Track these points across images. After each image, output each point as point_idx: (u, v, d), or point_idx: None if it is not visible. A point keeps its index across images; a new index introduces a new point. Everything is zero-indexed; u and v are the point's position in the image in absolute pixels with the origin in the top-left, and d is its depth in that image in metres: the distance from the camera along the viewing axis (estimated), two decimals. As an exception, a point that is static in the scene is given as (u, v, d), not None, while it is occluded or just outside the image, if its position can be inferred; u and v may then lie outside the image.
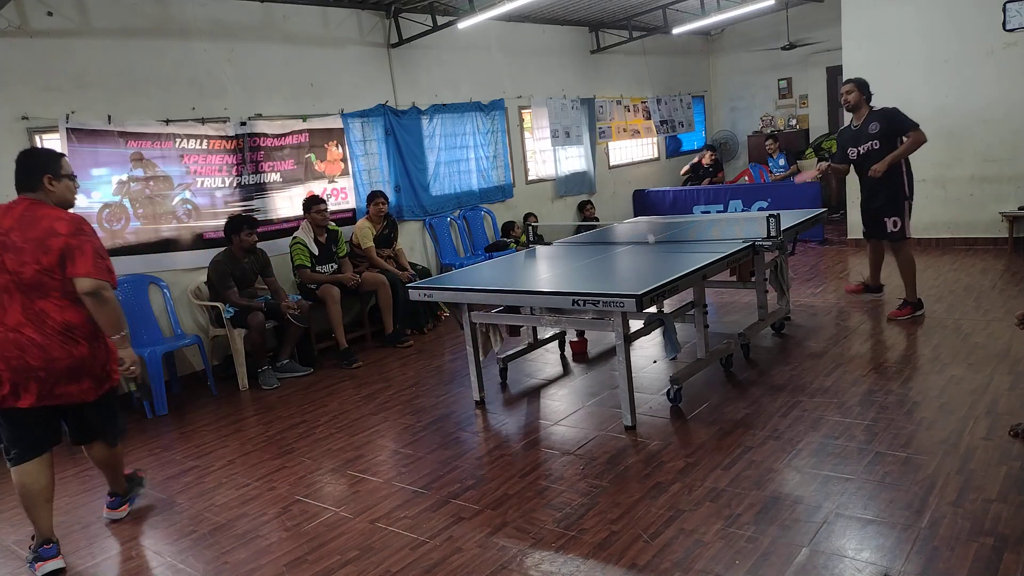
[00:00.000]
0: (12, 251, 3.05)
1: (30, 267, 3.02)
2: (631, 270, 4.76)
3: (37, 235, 3.03)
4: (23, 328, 3.06)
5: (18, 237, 3.05)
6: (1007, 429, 3.54)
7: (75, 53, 5.36)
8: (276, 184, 6.60)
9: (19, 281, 3.05)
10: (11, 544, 3.60)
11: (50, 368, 3.09)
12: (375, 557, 3.10)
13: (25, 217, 3.09)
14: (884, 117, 5.47)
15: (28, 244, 3.03)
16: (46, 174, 3.19)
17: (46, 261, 3.02)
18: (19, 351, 3.06)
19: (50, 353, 3.08)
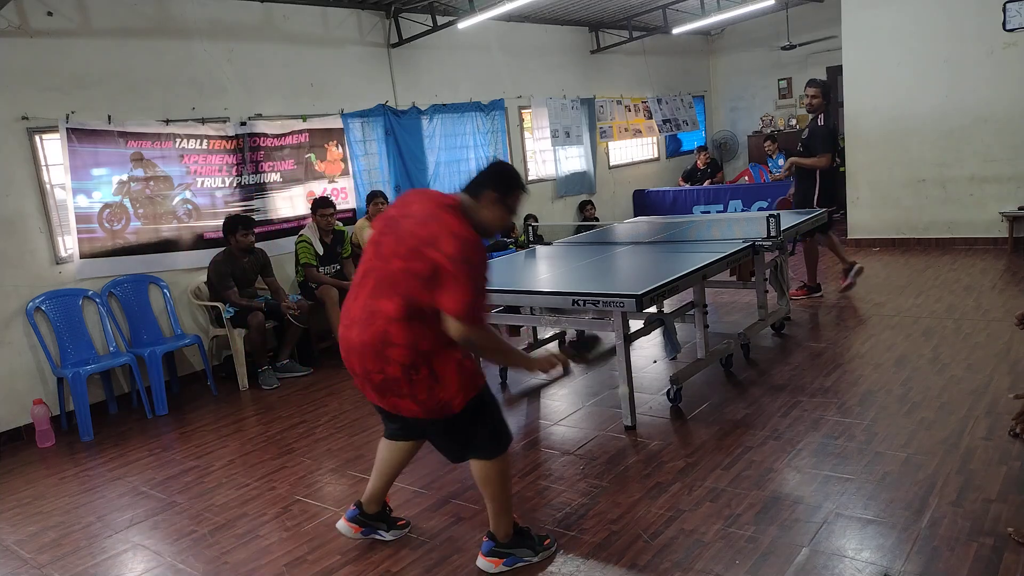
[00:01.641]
0: (395, 236, 2.66)
1: (399, 261, 2.61)
2: (631, 270, 4.76)
3: (424, 235, 2.59)
4: (354, 327, 2.70)
5: (409, 227, 2.65)
6: (1007, 429, 3.54)
7: (75, 53, 5.36)
8: (276, 184, 6.60)
9: (383, 271, 2.66)
10: (11, 544, 3.60)
11: (369, 379, 2.72)
12: (375, 557, 3.10)
13: (432, 213, 2.65)
14: (811, 130, 6.19)
15: (412, 239, 2.61)
16: (494, 190, 2.73)
17: (416, 266, 2.57)
18: (347, 350, 2.75)
19: (365, 363, 2.68)
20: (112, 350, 5.43)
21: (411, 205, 2.75)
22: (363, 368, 2.70)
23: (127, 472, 4.35)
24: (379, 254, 2.71)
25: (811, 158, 6.20)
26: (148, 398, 5.32)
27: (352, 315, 2.73)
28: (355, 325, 2.70)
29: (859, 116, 8.38)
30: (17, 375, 5.14)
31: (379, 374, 2.66)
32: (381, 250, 2.70)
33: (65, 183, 5.33)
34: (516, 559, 2.90)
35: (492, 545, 2.92)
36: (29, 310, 5.13)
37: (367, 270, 2.74)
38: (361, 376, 2.74)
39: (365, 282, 2.72)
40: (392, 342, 2.60)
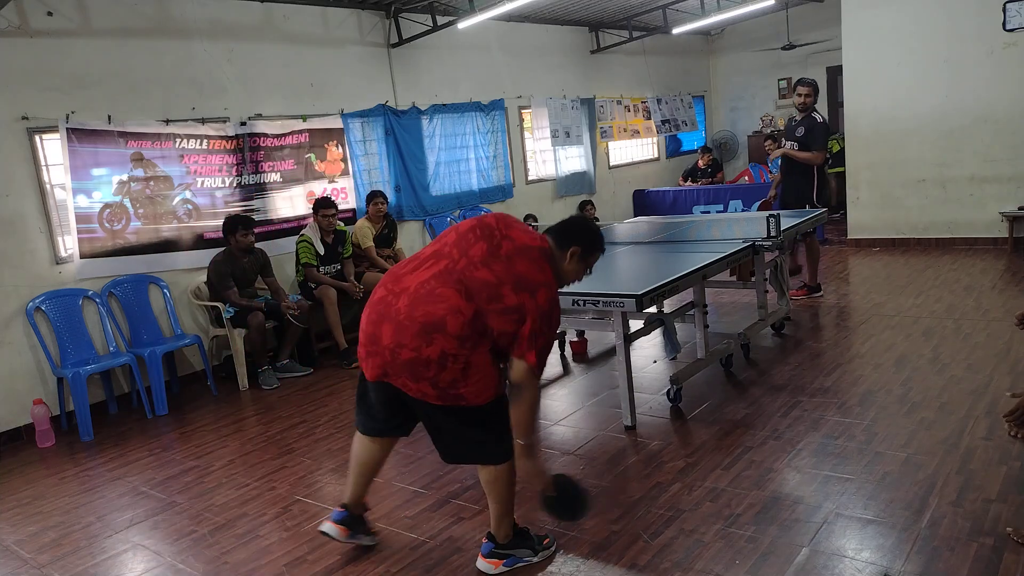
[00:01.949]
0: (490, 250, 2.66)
1: (486, 274, 2.62)
2: (631, 270, 4.76)
3: (523, 274, 2.63)
4: (403, 295, 2.66)
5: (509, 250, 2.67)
6: (1007, 429, 3.53)
7: (75, 53, 5.36)
8: (276, 184, 6.60)
9: (460, 268, 2.64)
10: (11, 544, 3.60)
11: (393, 354, 2.64)
12: (375, 557, 3.10)
13: (533, 254, 2.69)
14: (808, 126, 6.28)
15: (509, 268, 2.63)
16: (580, 247, 2.82)
17: (503, 292, 2.60)
18: (381, 316, 2.68)
19: (400, 336, 2.62)
20: (112, 350, 5.43)
21: (513, 229, 2.76)
22: (395, 340, 2.63)
23: (127, 472, 4.35)
24: (464, 250, 2.69)
25: (806, 153, 6.30)
26: (148, 398, 5.32)
27: (405, 285, 2.69)
28: (406, 295, 2.65)
29: (859, 116, 8.38)
30: (17, 375, 5.14)
31: (413, 351, 2.61)
32: (468, 249, 2.68)
33: (65, 183, 5.32)
34: (516, 559, 2.91)
35: (492, 546, 2.92)
36: (29, 310, 5.13)
37: (440, 254, 2.72)
38: (387, 348, 2.65)
39: (434, 264, 2.70)
40: (445, 331, 2.58)
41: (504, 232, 2.73)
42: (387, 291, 2.72)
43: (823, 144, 6.32)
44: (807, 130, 6.34)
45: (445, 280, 2.63)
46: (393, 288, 2.71)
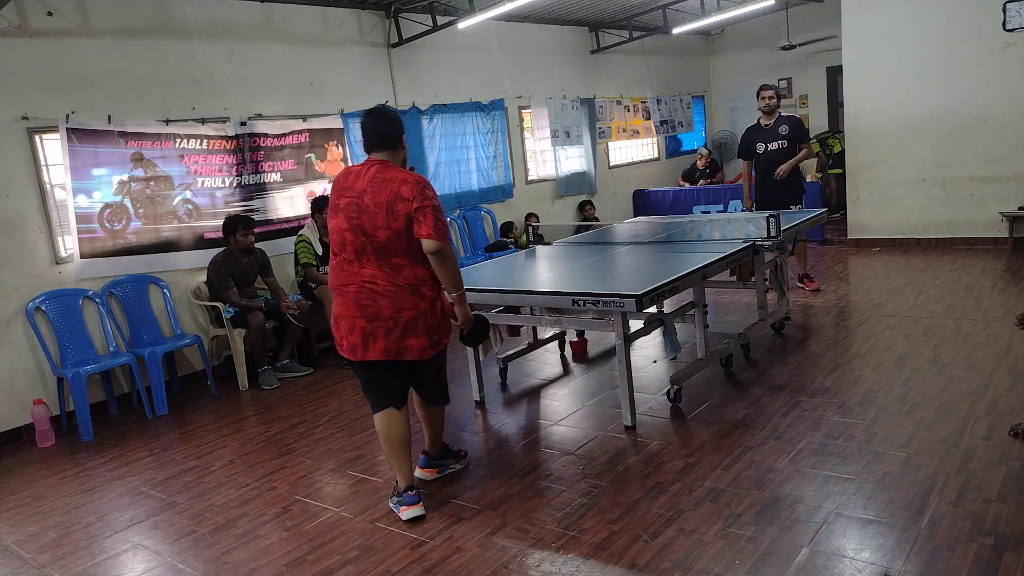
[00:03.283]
0: (367, 214, 3.17)
1: (383, 231, 3.16)
2: (631, 270, 4.76)
3: (386, 199, 3.15)
4: (377, 279, 3.21)
5: (370, 200, 3.17)
6: (1007, 429, 3.54)
7: (75, 53, 5.36)
8: (276, 184, 6.60)
9: (374, 243, 3.19)
10: (11, 544, 3.60)
11: (398, 318, 3.21)
12: (375, 557, 3.10)
13: (376, 180, 3.20)
14: (792, 123, 6.51)
15: (379, 208, 3.15)
16: (403, 132, 3.35)
17: (396, 226, 3.15)
18: (373, 299, 3.21)
19: (399, 303, 3.20)
20: (112, 350, 5.43)
21: (356, 184, 3.24)
22: (394, 308, 3.20)
23: (127, 472, 4.35)
24: (365, 232, 3.19)
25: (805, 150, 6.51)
26: (148, 398, 5.32)
27: (366, 275, 3.22)
28: (379, 278, 3.20)
29: (859, 116, 8.38)
30: (17, 375, 5.14)
31: (412, 310, 3.22)
32: (366, 229, 3.18)
33: (65, 183, 5.33)
34: (446, 467, 3.78)
35: (428, 459, 3.73)
36: (29, 310, 5.13)
37: (360, 247, 3.21)
38: (387, 318, 3.20)
39: (365, 257, 3.22)
40: (423, 280, 3.24)
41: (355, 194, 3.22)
42: (358, 287, 3.23)
43: (807, 135, 6.55)
44: (791, 128, 6.48)
45: (383, 257, 3.20)
46: (359, 281, 3.23)
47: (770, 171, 6.53)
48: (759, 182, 6.68)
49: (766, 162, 6.58)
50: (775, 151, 6.52)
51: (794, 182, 6.57)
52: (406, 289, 3.21)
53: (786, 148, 6.48)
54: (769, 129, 6.55)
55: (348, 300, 3.26)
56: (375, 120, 3.33)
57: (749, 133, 6.76)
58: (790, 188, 6.54)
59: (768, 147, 6.56)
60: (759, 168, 6.67)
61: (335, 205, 3.28)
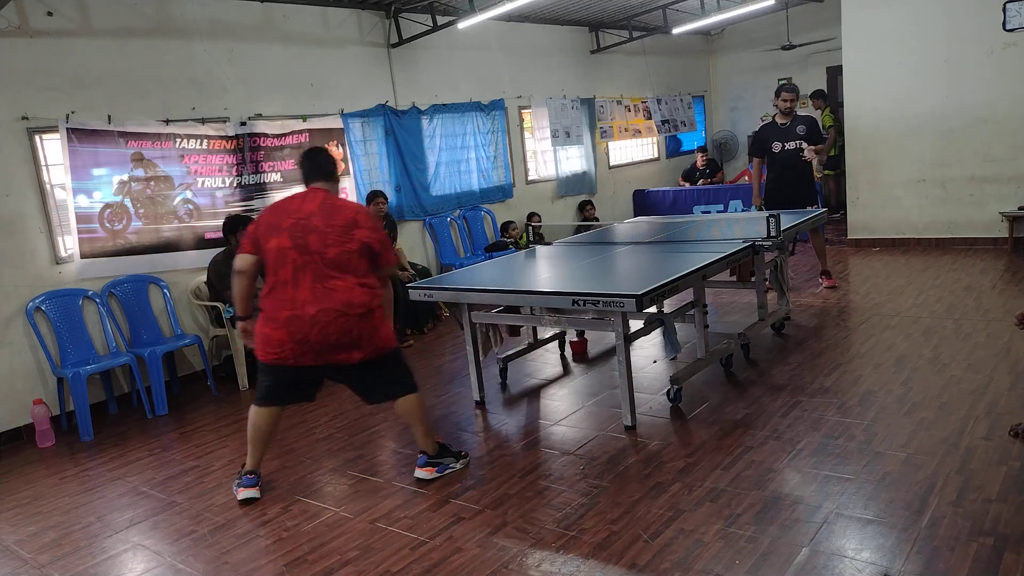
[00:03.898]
0: (315, 233, 3.43)
1: (333, 249, 3.42)
2: (631, 270, 4.76)
3: (341, 223, 3.46)
4: (308, 306, 3.41)
5: (320, 222, 3.44)
6: (1007, 429, 3.54)
7: (75, 53, 5.36)
8: (276, 184, 6.59)
9: (323, 259, 3.43)
10: (11, 544, 3.60)
11: (324, 342, 3.44)
12: (375, 557, 3.10)
13: (326, 204, 3.51)
14: (809, 123, 6.50)
15: (331, 229, 3.44)
16: (335, 169, 3.69)
17: (348, 246, 3.44)
18: (302, 328, 3.41)
19: (327, 329, 3.41)
20: (112, 350, 5.44)
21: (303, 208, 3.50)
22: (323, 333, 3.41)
23: (127, 472, 4.35)
24: (306, 251, 3.42)
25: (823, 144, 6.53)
26: (148, 398, 5.32)
27: (301, 298, 3.42)
28: (309, 303, 3.41)
29: (859, 116, 8.38)
30: (17, 375, 5.14)
31: (343, 334, 3.43)
32: (309, 247, 3.42)
33: (65, 183, 5.33)
34: (445, 466, 3.78)
35: (426, 458, 3.76)
36: (29, 310, 5.13)
37: (302, 266, 3.43)
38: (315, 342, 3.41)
39: (303, 276, 3.43)
40: (356, 303, 3.45)
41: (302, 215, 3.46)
42: (292, 312, 3.43)
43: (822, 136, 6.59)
44: (808, 127, 6.46)
45: (320, 277, 3.42)
46: (292, 308, 3.43)
47: (786, 170, 6.51)
48: (773, 180, 6.64)
49: (781, 161, 6.55)
50: (791, 150, 6.49)
51: (808, 182, 6.57)
52: (333, 313, 3.42)
53: (803, 148, 6.46)
54: (786, 128, 6.50)
55: (279, 325, 3.45)
56: (317, 155, 3.70)
57: (764, 131, 6.69)
58: (804, 189, 6.53)
59: (785, 146, 6.52)
60: (774, 167, 6.63)
61: (276, 225, 3.48)
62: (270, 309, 3.49)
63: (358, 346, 3.49)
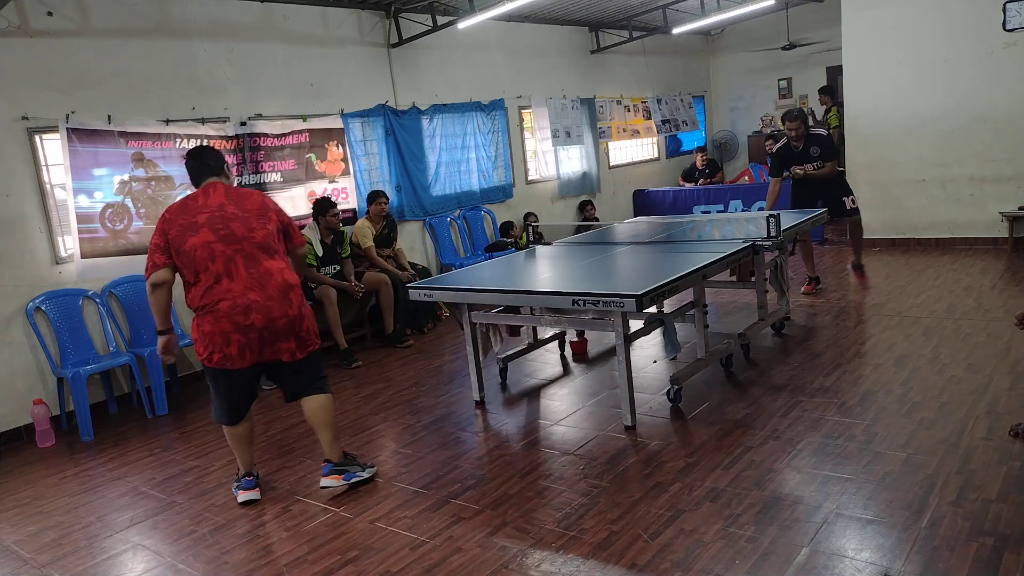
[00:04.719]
0: (237, 220, 3.46)
1: (259, 231, 3.48)
2: (631, 270, 4.76)
3: (254, 206, 3.52)
4: (249, 292, 3.42)
5: (235, 209, 3.48)
6: (1007, 429, 3.54)
7: (75, 53, 5.36)
8: (276, 184, 6.60)
9: (252, 242, 3.45)
10: (11, 544, 3.60)
11: (271, 327, 3.44)
12: (375, 557, 3.10)
13: (232, 194, 3.55)
14: (821, 143, 6.53)
15: (249, 214, 3.48)
16: (224, 163, 3.70)
17: (269, 227, 3.51)
18: (245, 314, 3.41)
19: (271, 312, 3.43)
20: (112, 350, 5.44)
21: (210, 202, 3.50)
22: (268, 317, 3.42)
23: (127, 472, 4.35)
24: (233, 239, 3.43)
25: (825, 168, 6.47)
26: (148, 398, 5.32)
27: (239, 288, 3.41)
28: (251, 290, 3.42)
29: (859, 116, 8.38)
30: (17, 375, 5.14)
31: (283, 317, 3.46)
32: (235, 235, 3.44)
33: (66, 183, 5.33)
34: (352, 474, 3.73)
35: (331, 466, 3.71)
36: (29, 310, 5.13)
37: (230, 255, 3.42)
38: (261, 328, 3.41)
39: (234, 266, 3.42)
40: (291, 284, 3.51)
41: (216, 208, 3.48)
42: (231, 300, 3.41)
43: (835, 152, 6.56)
44: (821, 148, 6.48)
45: (253, 262, 3.44)
46: (232, 295, 3.41)
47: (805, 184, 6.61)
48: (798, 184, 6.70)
49: (798, 183, 6.68)
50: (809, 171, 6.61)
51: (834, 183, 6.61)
52: (276, 297, 3.45)
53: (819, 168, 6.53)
54: (800, 152, 6.52)
55: (220, 316, 3.41)
56: (202, 153, 3.69)
57: (782, 154, 6.63)
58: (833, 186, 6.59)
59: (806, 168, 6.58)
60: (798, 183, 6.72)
61: (191, 224, 3.43)
62: (208, 305, 3.43)
63: (296, 334, 3.52)
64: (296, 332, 3.52)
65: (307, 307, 3.63)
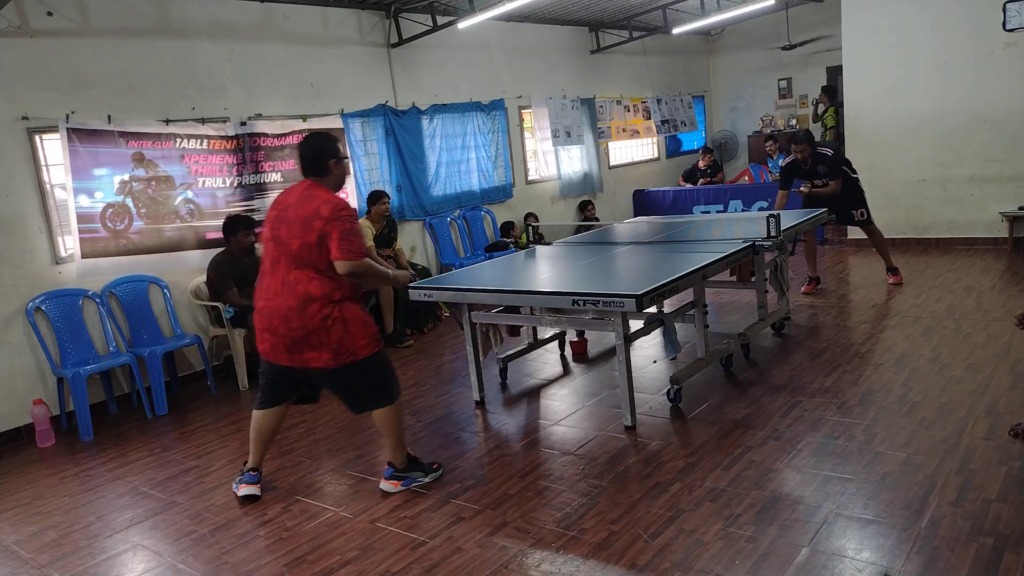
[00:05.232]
0: (286, 224, 3.43)
1: (296, 240, 3.40)
2: (631, 270, 4.76)
3: (306, 214, 3.40)
4: (277, 296, 3.44)
5: (293, 214, 3.43)
6: (1007, 429, 3.54)
7: (75, 53, 5.36)
8: (277, 184, 6.59)
9: (287, 252, 3.42)
10: (11, 544, 3.60)
11: (291, 336, 3.43)
12: (375, 557, 3.10)
13: (303, 196, 3.47)
14: (828, 162, 6.52)
15: (298, 220, 3.40)
16: (331, 159, 3.54)
17: (309, 238, 3.38)
18: (270, 317, 3.46)
19: (290, 322, 3.41)
20: (112, 350, 5.43)
21: (287, 199, 3.52)
22: (287, 327, 3.41)
23: (127, 472, 4.35)
24: (279, 242, 3.45)
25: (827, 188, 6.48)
26: (148, 398, 5.32)
27: (272, 289, 3.47)
28: (277, 296, 3.44)
29: (859, 116, 8.38)
30: (17, 375, 5.14)
31: (301, 328, 3.40)
32: (280, 239, 3.44)
33: (66, 183, 5.32)
34: (411, 480, 3.69)
35: (392, 471, 3.69)
36: (29, 310, 5.13)
37: (275, 258, 3.48)
38: (283, 335, 3.43)
39: (276, 267, 3.48)
40: (314, 296, 3.39)
41: (284, 206, 3.49)
42: (265, 301, 3.49)
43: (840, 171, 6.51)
44: (828, 167, 6.50)
45: (288, 269, 3.43)
46: (267, 296, 3.49)
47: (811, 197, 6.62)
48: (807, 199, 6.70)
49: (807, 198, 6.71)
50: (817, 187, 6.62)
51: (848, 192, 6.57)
52: (295, 309, 3.40)
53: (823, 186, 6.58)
54: (808, 170, 6.58)
55: (258, 315, 3.54)
56: (302, 150, 3.61)
57: (790, 169, 6.70)
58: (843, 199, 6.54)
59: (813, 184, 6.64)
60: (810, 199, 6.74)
61: (269, 217, 3.56)
62: (255, 299, 3.59)
63: (326, 346, 3.41)
64: (324, 344, 3.41)
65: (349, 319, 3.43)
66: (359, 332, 3.46)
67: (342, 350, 3.43)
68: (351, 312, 3.45)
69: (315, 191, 3.47)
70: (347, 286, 3.46)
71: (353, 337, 3.44)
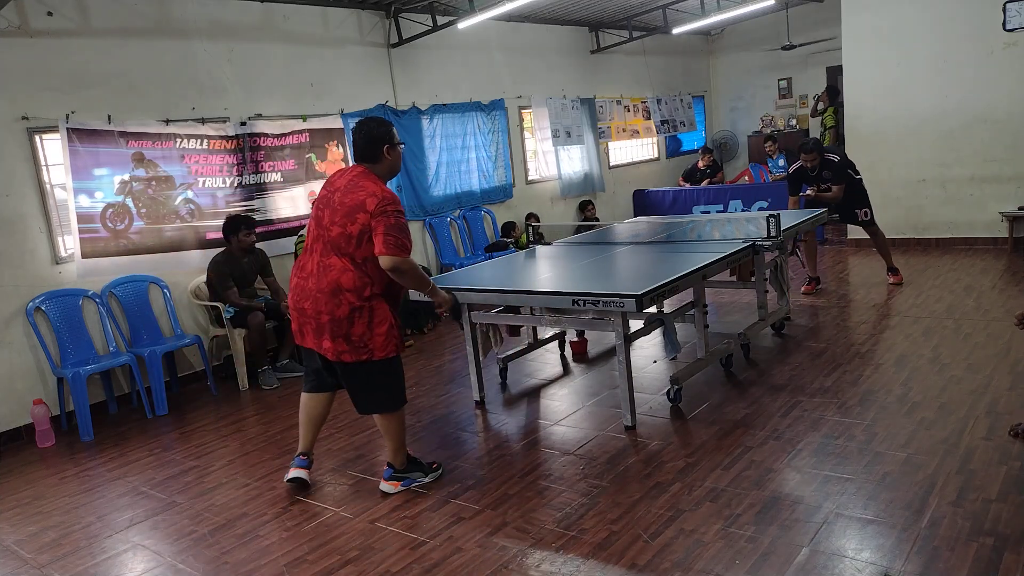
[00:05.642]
0: (330, 209, 3.41)
1: (336, 228, 3.37)
2: (631, 270, 4.76)
3: (352, 203, 3.36)
4: (311, 278, 3.44)
5: (339, 199, 3.40)
6: (1007, 429, 3.54)
7: (75, 53, 5.36)
8: (277, 184, 6.60)
9: (329, 235, 3.40)
10: (11, 544, 3.60)
11: (317, 320, 3.42)
12: (375, 557, 3.10)
13: (353, 183, 3.42)
14: (834, 169, 6.57)
15: (342, 208, 3.37)
16: (385, 144, 3.49)
17: (351, 229, 3.34)
18: (301, 296, 3.46)
19: (318, 305, 3.39)
20: (112, 350, 5.43)
21: (337, 181, 3.50)
22: (315, 309, 3.41)
23: (127, 472, 4.35)
24: (321, 225, 3.44)
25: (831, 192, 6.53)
26: (148, 398, 5.32)
27: (308, 270, 3.47)
28: (312, 277, 3.43)
29: (859, 116, 8.38)
30: (17, 375, 5.14)
31: (328, 315, 3.38)
32: (322, 222, 3.43)
33: (66, 183, 5.32)
34: (411, 480, 3.69)
35: (391, 471, 3.69)
36: (29, 310, 5.13)
37: (315, 238, 3.48)
38: (311, 316, 3.43)
39: (315, 247, 3.47)
40: (344, 288, 3.36)
41: (332, 189, 3.47)
42: (299, 279, 3.50)
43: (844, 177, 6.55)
44: (833, 172, 6.55)
45: (325, 253, 3.41)
46: (303, 275, 3.49)
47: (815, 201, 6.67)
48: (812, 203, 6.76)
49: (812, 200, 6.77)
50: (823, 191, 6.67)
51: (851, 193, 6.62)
52: (326, 293, 3.38)
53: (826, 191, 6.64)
54: (815, 176, 6.65)
55: (292, 292, 3.57)
56: (355, 135, 3.54)
57: (797, 176, 6.76)
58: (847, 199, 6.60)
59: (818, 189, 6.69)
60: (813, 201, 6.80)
61: (319, 197, 3.56)
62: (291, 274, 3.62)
63: (347, 338, 3.38)
64: (344, 335, 3.38)
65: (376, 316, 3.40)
66: (382, 332, 3.42)
67: (361, 345, 3.40)
68: (380, 310, 3.42)
69: (364, 181, 3.41)
70: (380, 283, 3.41)
71: (375, 336, 3.41)
